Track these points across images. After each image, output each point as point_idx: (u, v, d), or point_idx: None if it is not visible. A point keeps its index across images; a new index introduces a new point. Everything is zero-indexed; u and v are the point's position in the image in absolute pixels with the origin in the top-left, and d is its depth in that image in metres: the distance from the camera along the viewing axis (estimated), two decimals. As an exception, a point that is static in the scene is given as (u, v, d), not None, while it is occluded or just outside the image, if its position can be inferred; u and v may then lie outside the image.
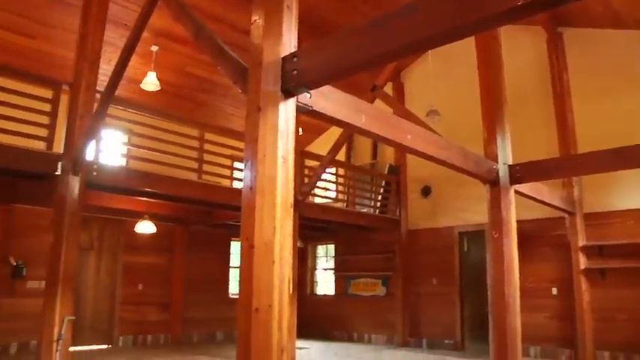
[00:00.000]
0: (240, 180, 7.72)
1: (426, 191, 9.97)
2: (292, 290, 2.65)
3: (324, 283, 11.75)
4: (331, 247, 11.67)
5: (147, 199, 7.68)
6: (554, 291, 7.95)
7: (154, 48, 8.11)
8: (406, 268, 9.86)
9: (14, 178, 6.33)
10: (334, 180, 10.19)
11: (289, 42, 2.82)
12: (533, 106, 8.42)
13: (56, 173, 5.45)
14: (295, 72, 2.70)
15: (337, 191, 10.54)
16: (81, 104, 5.56)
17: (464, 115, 8.05)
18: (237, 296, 2.72)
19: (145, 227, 8.75)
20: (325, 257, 11.94)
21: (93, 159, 6.14)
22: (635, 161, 4.56)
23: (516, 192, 5.00)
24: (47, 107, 5.84)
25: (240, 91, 3.06)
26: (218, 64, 3.38)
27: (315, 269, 12.02)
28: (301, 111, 2.86)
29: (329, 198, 10.65)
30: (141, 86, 8.00)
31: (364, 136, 4.79)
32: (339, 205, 10.18)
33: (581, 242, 7.56)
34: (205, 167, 7.73)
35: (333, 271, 11.40)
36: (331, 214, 9.26)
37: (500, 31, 5.29)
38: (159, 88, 8.02)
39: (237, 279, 9.79)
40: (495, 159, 4.87)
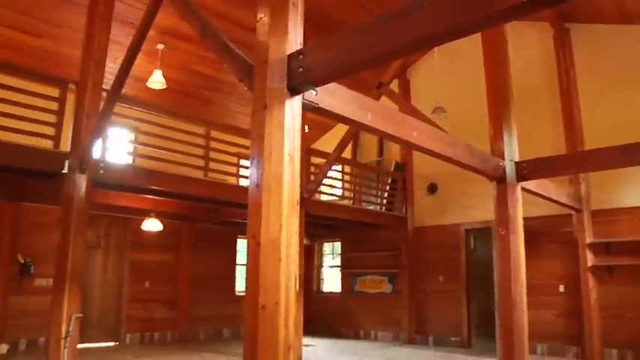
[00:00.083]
0: (246, 177, 7.75)
1: (433, 188, 9.94)
2: (298, 288, 2.65)
3: (331, 281, 11.77)
4: (337, 245, 11.69)
5: (153, 197, 7.72)
6: (561, 288, 7.91)
7: (160, 46, 8.13)
8: (412, 266, 9.85)
9: (22, 177, 6.38)
10: (340, 177, 10.18)
11: (295, 39, 2.82)
12: (539, 103, 8.37)
13: (63, 171, 5.49)
14: (301, 69, 2.70)
15: (343, 188, 10.55)
16: (87, 103, 5.59)
17: (470, 112, 8.03)
18: (243, 294, 2.72)
19: (152, 225, 8.79)
20: (331, 255, 11.95)
21: (99, 157, 6.17)
22: (642, 158, 4.52)
23: (523, 189, 4.97)
24: (54, 106, 5.85)
25: (246, 89, 3.05)
26: (224, 62, 3.38)
27: (321, 267, 12.04)
28: (307, 108, 2.86)
29: (335, 195, 10.66)
30: (147, 84, 8.02)
31: (370, 134, 4.79)
32: (346, 203, 10.19)
33: (588, 239, 7.52)
34: (211, 165, 7.75)
35: (340, 269, 11.41)
36: (337, 212, 9.26)
37: (506, 28, 5.25)
38: (165, 86, 8.04)
39: (243, 276, 9.83)
40: (502, 156, 4.84)
